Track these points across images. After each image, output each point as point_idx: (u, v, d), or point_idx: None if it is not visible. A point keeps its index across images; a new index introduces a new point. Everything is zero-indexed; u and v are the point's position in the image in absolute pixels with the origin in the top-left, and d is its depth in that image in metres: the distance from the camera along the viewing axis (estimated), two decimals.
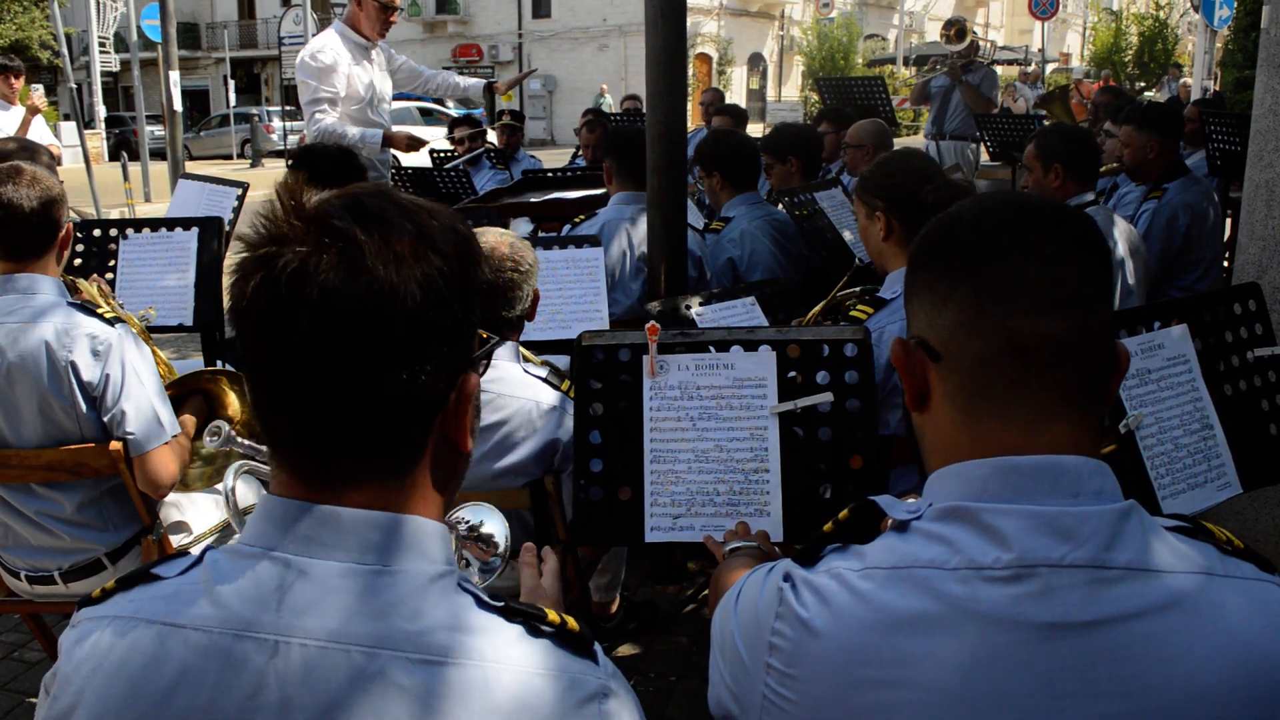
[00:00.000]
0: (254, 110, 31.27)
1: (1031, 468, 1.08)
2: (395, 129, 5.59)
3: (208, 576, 1.01)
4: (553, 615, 1.03)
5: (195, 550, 1.12)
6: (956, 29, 8.81)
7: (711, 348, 2.13)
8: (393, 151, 5.72)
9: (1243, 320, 2.38)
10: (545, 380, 2.53)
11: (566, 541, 2.47)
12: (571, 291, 3.55)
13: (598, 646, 1.06)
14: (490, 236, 2.59)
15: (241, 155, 29.15)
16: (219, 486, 2.94)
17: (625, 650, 3.41)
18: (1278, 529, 3.18)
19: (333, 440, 1.00)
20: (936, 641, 1.04)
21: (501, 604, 1.03)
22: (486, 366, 1.12)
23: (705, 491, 2.07)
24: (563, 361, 2.99)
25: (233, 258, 1.03)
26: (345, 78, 5.25)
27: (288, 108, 30.27)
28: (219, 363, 3.75)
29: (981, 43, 9.69)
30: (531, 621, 1.02)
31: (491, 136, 8.06)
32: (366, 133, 5.28)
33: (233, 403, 2.88)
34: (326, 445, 1.01)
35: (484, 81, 6.01)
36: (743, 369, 2.10)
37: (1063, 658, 1.02)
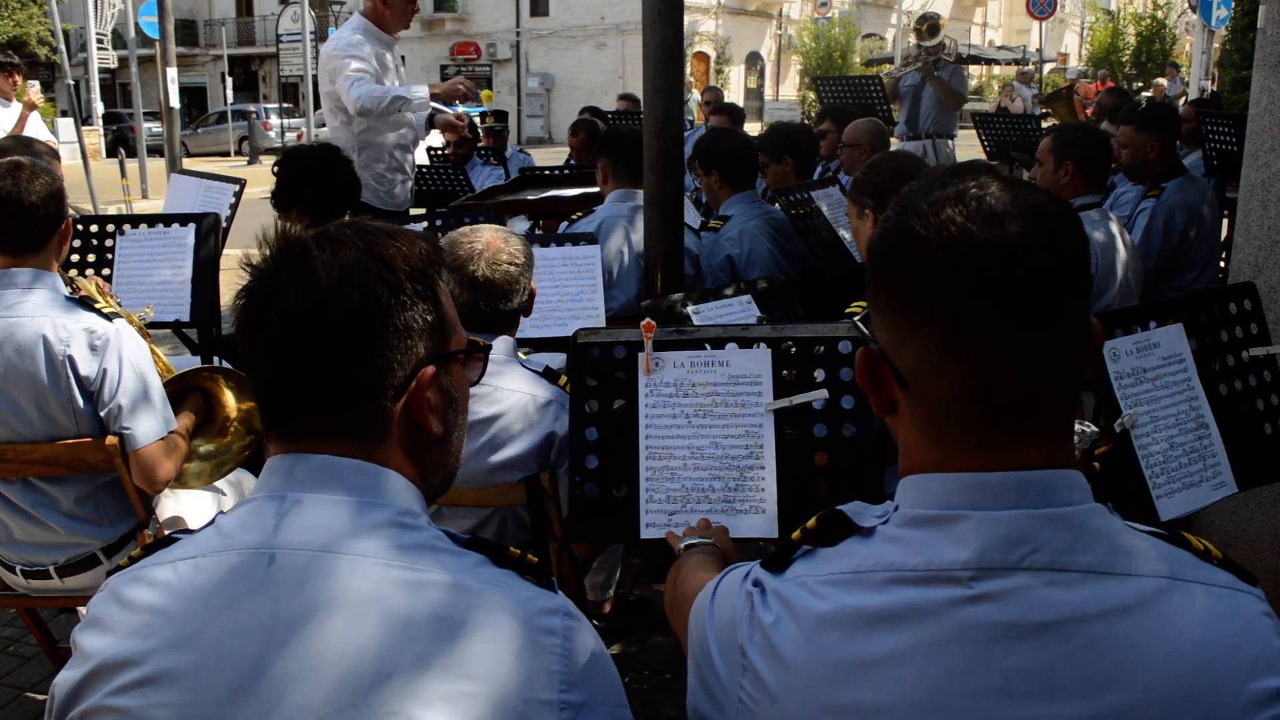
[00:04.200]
0: (251, 107, 31.26)
1: (998, 482, 1.07)
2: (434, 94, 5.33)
3: (218, 523, 1.19)
4: (513, 550, 1.20)
5: None
6: (929, 25, 8.85)
7: (707, 345, 2.14)
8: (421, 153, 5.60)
9: (1238, 319, 2.38)
10: (542, 375, 2.54)
11: (562, 539, 2.48)
12: (568, 289, 3.55)
13: (556, 587, 1.20)
14: (486, 233, 2.59)
15: (239, 152, 29.15)
16: (217, 483, 2.95)
17: (619, 648, 3.42)
18: (1272, 528, 3.19)
19: (308, 415, 1.19)
20: (897, 641, 1.05)
21: (467, 537, 1.20)
22: (481, 370, 1.33)
23: (700, 488, 2.07)
24: (558, 359, 3.00)
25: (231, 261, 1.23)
26: (372, 65, 5.13)
27: (285, 105, 30.28)
28: (216, 359, 3.74)
29: (949, 41, 9.70)
30: (495, 552, 1.18)
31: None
32: (412, 88, 5.11)
33: (230, 401, 2.88)
34: (305, 418, 1.19)
35: (424, 94, 5.45)
36: (738, 366, 2.10)
37: (1021, 658, 1.02)
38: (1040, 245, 1.04)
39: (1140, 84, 30.44)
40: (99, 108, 23.17)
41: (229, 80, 32.44)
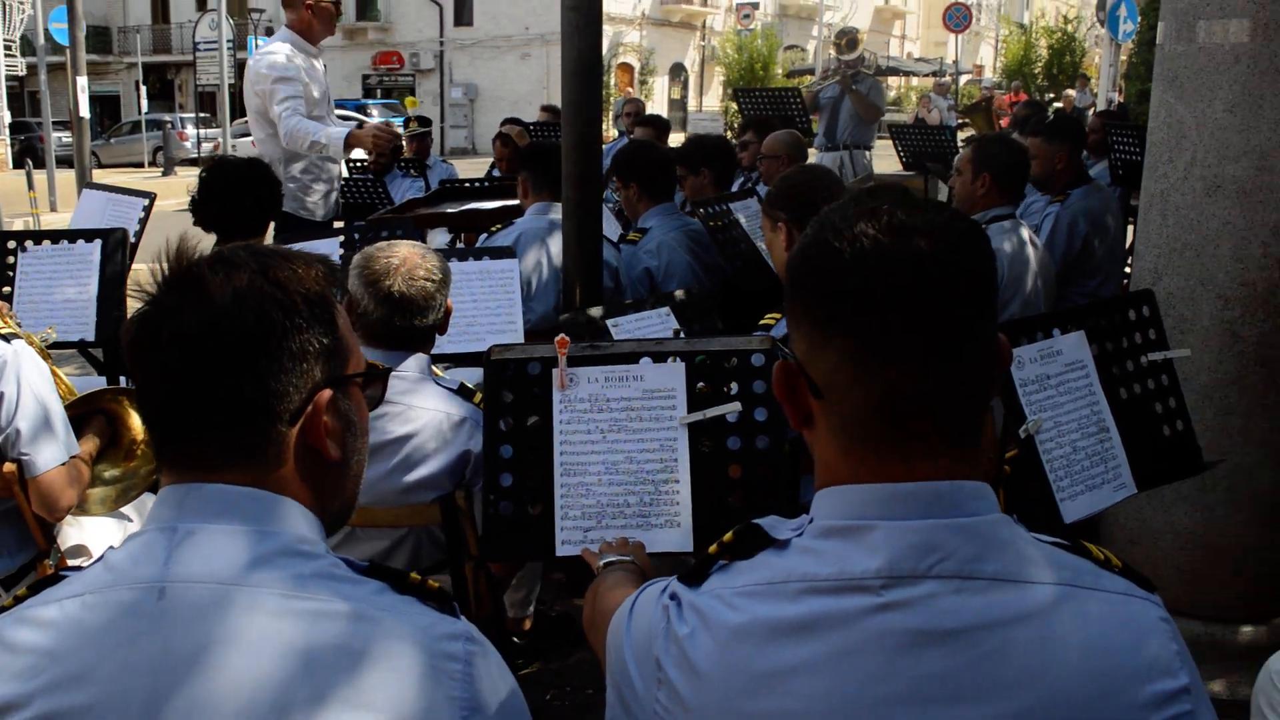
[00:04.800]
0: (167, 117, 30.60)
1: (909, 493, 1.10)
2: (357, 130, 5.41)
3: (107, 559, 1.16)
4: (414, 575, 1.18)
5: None
6: (848, 39, 9.07)
7: (621, 360, 2.14)
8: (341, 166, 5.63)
9: (1137, 325, 2.46)
10: (456, 393, 2.52)
11: (478, 558, 2.46)
12: (486, 303, 3.53)
13: (458, 611, 1.19)
14: (402, 248, 2.57)
15: (153, 163, 28.46)
16: (124, 510, 2.87)
17: (541, 665, 3.40)
18: (1173, 526, 3.29)
19: (202, 441, 1.17)
20: (810, 650, 1.07)
21: (366, 564, 1.18)
22: (381, 394, 1.33)
23: (616, 504, 2.07)
24: (476, 375, 2.98)
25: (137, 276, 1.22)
26: (303, 85, 5.15)
27: (202, 114, 29.69)
28: (122, 380, 3.65)
29: (869, 54, 9.95)
30: (396, 579, 1.16)
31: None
32: (332, 132, 5.14)
33: (136, 424, 2.81)
34: (198, 445, 1.17)
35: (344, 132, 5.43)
36: (652, 381, 2.11)
37: (929, 664, 1.05)
38: (948, 261, 1.08)
39: (1052, 95, 31.24)
40: (6, 116, 22.50)
41: (143, 89, 31.68)
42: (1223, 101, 3.06)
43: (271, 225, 3.98)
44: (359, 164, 7.75)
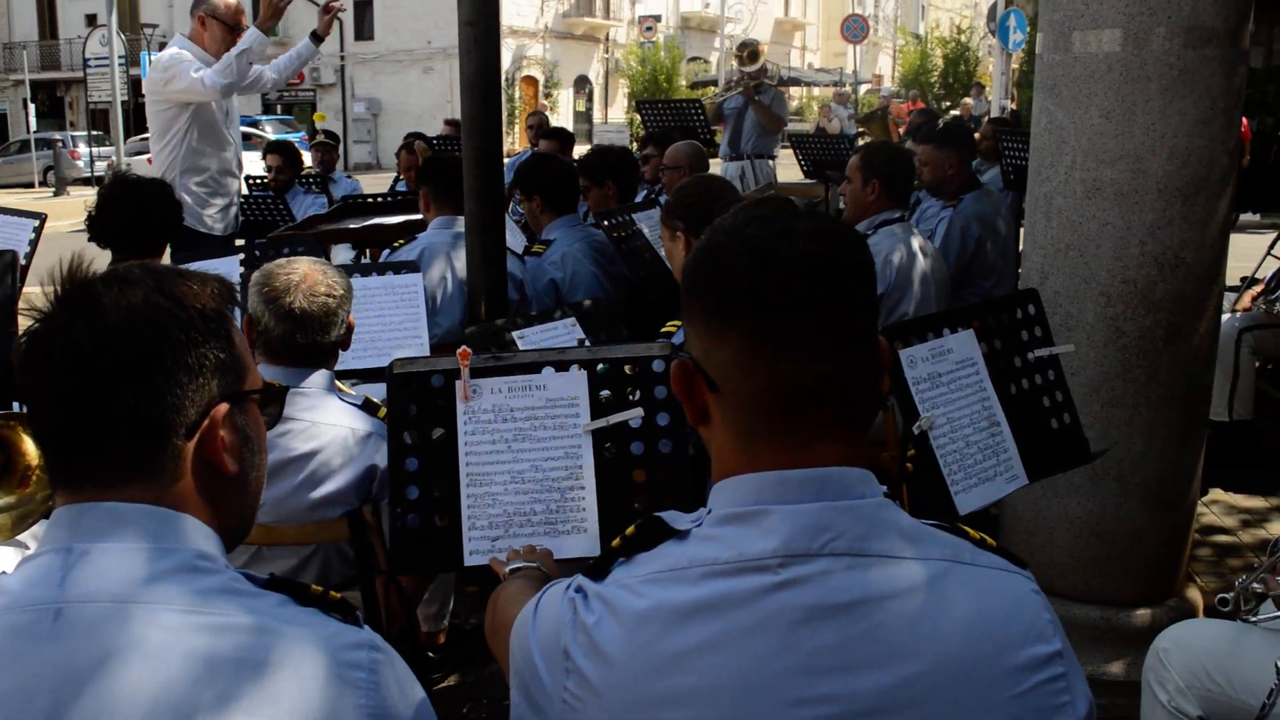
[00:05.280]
0: (57, 135, 29.69)
1: (800, 478, 1.17)
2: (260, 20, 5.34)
3: (0, 583, 1.14)
4: (315, 588, 1.18)
5: None
6: (749, 51, 9.22)
7: (524, 370, 2.16)
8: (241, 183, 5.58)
9: (1024, 323, 2.55)
10: (361, 408, 2.51)
11: (387, 572, 2.45)
12: (391, 318, 3.52)
13: (362, 621, 1.20)
14: (303, 265, 2.56)
15: (44, 183, 27.57)
16: (20, 537, 2.78)
17: (457, 678, 3.39)
18: (1067, 516, 3.41)
19: (96, 458, 1.16)
20: (712, 629, 1.12)
21: (267, 578, 1.18)
22: (278, 412, 1.33)
23: (523, 512, 2.09)
24: (381, 391, 2.96)
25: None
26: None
27: (95, 132, 28.84)
28: (15, 405, 3.54)
29: (770, 64, 10.12)
30: (297, 591, 1.17)
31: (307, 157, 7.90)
32: (247, 36, 5.09)
33: (29, 449, 2.73)
34: (93, 462, 1.16)
35: (306, 39, 5.80)
36: (555, 389, 2.13)
37: (824, 636, 1.12)
38: (833, 260, 1.17)
39: (949, 103, 32.07)
40: None
41: (32, 107, 30.69)
42: (1098, 108, 3.20)
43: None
44: (259, 180, 7.63)
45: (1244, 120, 12.16)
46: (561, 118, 33.44)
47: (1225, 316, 5.15)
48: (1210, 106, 3.15)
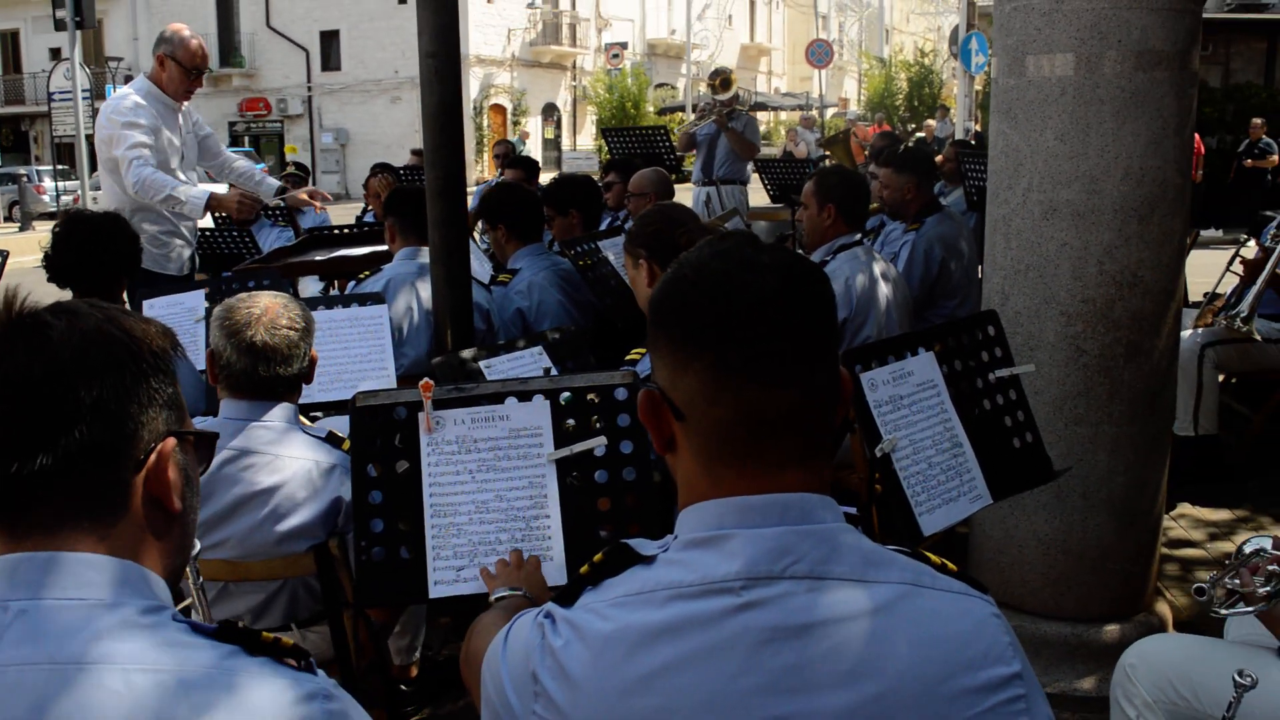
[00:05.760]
0: (22, 170, 29.43)
1: (762, 504, 1.20)
2: (223, 190, 5.36)
3: None
4: (267, 635, 1.14)
5: None
6: (721, 79, 9.29)
7: (487, 400, 2.16)
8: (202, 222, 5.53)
9: (984, 345, 2.58)
10: (325, 440, 2.51)
11: (354, 605, 2.44)
12: (357, 350, 3.51)
13: (316, 667, 1.17)
14: (264, 298, 2.56)
15: (9, 218, 27.31)
16: None
17: (430, 711, 3.36)
18: (1036, 533, 3.43)
19: (42, 495, 1.12)
20: (677, 651, 1.14)
21: (215, 627, 1.13)
22: (209, 459, 1.30)
23: (487, 542, 2.09)
24: (347, 424, 2.95)
25: None
26: (153, 131, 5.00)
27: (60, 167, 28.63)
28: None
29: (742, 91, 10.24)
30: (248, 640, 1.13)
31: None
32: (192, 192, 5.01)
33: None
34: (38, 500, 1.12)
35: (278, 184, 5.72)
36: (518, 419, 2.14)
37: (786, 657, 1.14)
38: (794, 291, 1.21)
39: (914, 126, 32.42)
40: None
41: None
42: (1053, 130, 3.25)
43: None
44: (224, 216, 7.60)
45: (1197, 137, 12.37)
46: (531, 145, 33.52)
47: (1188, 333, 5.22)
48: (1162, 127, 3.21)
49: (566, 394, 2.16)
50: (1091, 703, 3.22)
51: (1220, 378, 5.41)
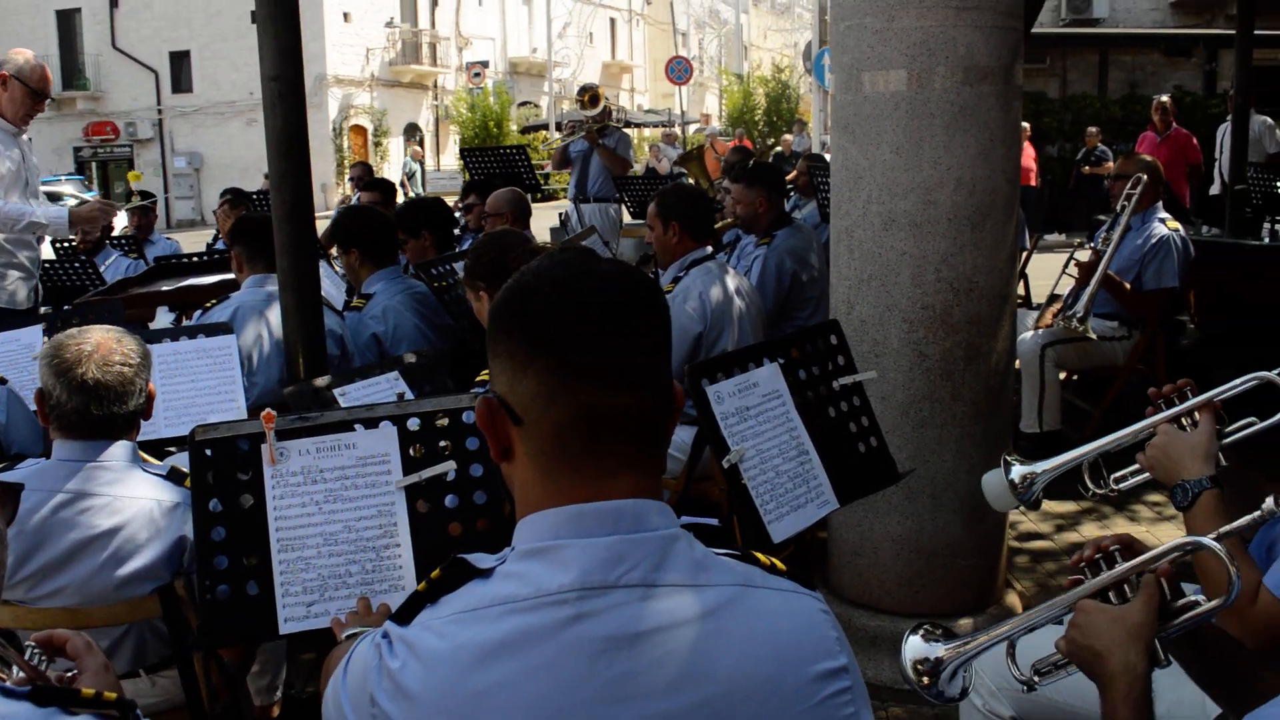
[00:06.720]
0: None
1: (596, 512, 1.22)
2: (77, 209, 5.11)
3: None
4: (87, 691, 1.11)
5: None
6: (590, 95, 9.33)
7: (333, 429, 2.13)
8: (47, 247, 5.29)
9: (827, 354, 2.66)
10: (167, 478, 2.43)
11: (203, 645, 2.36)
12: (206, 382, 3.41)
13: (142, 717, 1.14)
14: (95, 334, 2.47)
15: None
16: None
17: None
18: (891, 535, 3.55)
19: None
20: (514, 666, 1.15)
21: (29, 689, 1.09)
22: (13, 513, 1.29)
23: (338, 574, 2.05)
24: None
25: None
26: (11, 174, 4.76)
27: None
28: None
29: (613, 107, 10.32)
30: (65, 698, 1.09)
31: (122, 218, 7.59)
32: (50, 212, 4.80)
33: None
34: None
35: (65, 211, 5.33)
36: (365, 447, 2.11)
37: (621, 665, 1.16)
38: (631, 297, 1.25)
39: (773, 140, 33.09)
40: None
41: None
42: (889, 144, 3.37)
43: None
44: (66, 244, 7.29)
45: (1029, 145, 12.95)
46: (393, 166, 33.05)
47: (1029, 334, 5.46)
48: (990, 138, 3.36)
49: (414, 419, 2.14)
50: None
51: (1061, 375, 5.68)
